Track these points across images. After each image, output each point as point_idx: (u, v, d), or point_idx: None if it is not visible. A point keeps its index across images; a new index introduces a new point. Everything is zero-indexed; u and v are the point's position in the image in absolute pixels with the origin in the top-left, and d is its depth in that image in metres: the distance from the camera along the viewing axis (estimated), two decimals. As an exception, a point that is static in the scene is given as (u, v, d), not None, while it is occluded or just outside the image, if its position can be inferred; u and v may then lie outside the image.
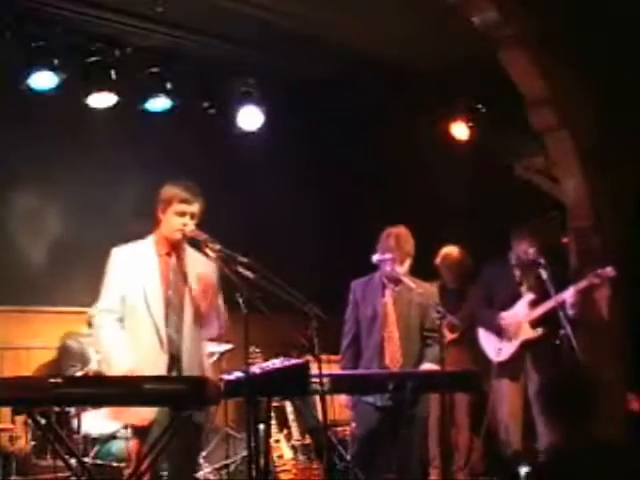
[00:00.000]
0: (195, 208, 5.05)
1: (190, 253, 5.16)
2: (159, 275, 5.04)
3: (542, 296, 6.61)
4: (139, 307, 4.98)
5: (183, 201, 5.03)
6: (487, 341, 6.85)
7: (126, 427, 6.42)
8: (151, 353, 4.94)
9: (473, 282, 7.31)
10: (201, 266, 5.10)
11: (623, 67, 6.93)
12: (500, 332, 6.75)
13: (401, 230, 6.04)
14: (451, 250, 7.74)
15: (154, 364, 4.89)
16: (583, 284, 6.57)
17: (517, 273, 6.87)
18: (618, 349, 7.08)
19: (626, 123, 7.08)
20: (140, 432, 4.90)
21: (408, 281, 5.90)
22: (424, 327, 6.02)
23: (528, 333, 6.70)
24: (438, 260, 7.75)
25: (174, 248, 5.10)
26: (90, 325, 7.03)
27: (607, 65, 6.94)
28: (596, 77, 7.03)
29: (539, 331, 6.66)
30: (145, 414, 4.81)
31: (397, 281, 6.00)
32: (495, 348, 6.76)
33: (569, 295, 6.47)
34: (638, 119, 6.98)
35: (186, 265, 5.10)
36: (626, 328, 7.16)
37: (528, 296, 6.75)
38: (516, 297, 6.80)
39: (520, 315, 6.71)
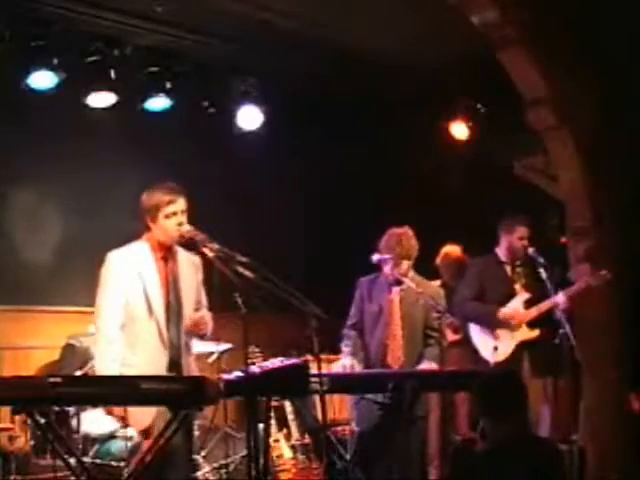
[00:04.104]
0: (182, 204, 5.09)
1: (182, 253, 5.20)
2: (159, 280, 5.07)
3: (538, 295, 6.59)
4: (142, 313, 5.01)
5: (169, 203, 5.06)
6: (481, 340, 6.79)
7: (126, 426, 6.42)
8: (154, 355, 4.99)
9: None
10: (192, 266, 5.17)
11: (623, 66, 6.93)
12: (495, 326, 6.67)
13: (403, 230, 6.03)
14: (451, 249, 7.74)
15: (156, 367, 4.93)
16: (575, 288, 6.56)
17: (508, 270, 6.84)
18: (617, 349, 7.07)
19: (626, 122, 7.07)
20: (148, 433, 4.91)
21: (408, 281, 5.90)
22: (427, 327, 6.02)
23: (525, 333, 6.67)
24: (439, 259, 7.75)
25: (169, 251, 5.13)
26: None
27: (607, 64, 6.94)
28: (596, 76, 7.03)
29: (536, 331, 6.63)
30: (143, 418, 4.84)
31: (399, 281, 6.00)
32: (490, 347, 6.71)
33: (561, 300, 6.43)
34: (638, 118, 6.98)
35: (180, 268, 5.14)
36: (625, 327, 7.15)
37: (523, 295, 6.73)
38: (509, 295, 6.76)
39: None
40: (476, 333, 6.81)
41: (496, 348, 6.66)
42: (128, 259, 5.08)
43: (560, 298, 6.41)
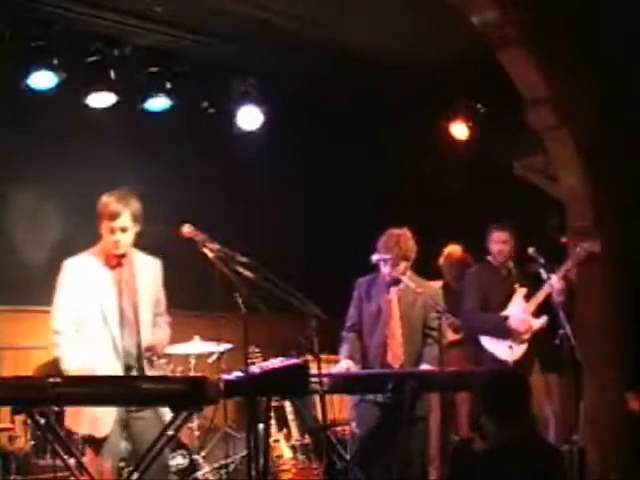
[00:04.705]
0: (124, 221, 5.03)
1: (139, 258, 5.18)
2: (113, 288, 5.05)
3: (534, 290, 6.65)
4: (96, 321, 4.99)
5: (110, 217, 5.03)
6: (494, 344, 6.77)
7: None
8: (106, 362, 4.95)
9: None
10: (149, 270, 5.15)
11: (623, 66, 6.93)
12: (507, 334, 6.68)
13: (402, 232, 6.04)
14: (454, 249, 7.75)
15: (108, 373, 4.89)
16: (566, 266, 6.60)
17: (504, 272, 6.87)
18: (617, 349, 7.07)
19: (626, 122, 7.07)
20: (95, 443, 4.90)
21: (407, 280, 5.91)
22: (425, 326, 6.03)
23: (534, 324, 6.71)
24: (441, 259, 7.76)
25: (123, 258, 5.11)
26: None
27: (607, 64, 6.94)
28: (596, 76, 7.03)
29: (543, 318, 6.65)
30: (102, 426, 4.83)
31: (397, 281, 6.01)
32: (505, 347, 6.68)
33: (555, 281, 6.46)
34: (638, 118, 6.98)
35: (136, 275, 5.12)
36: (625, 328, 7.15)
37: (521, 290, 6.76)
38: (512, 295, 6.78)
39: (520, 310, 6.70)
40: (487, 338, 6.79)
41: (511, 347, 6.65)
42: (82, 267, 5.07)
43: (553, 279, 6.43)
